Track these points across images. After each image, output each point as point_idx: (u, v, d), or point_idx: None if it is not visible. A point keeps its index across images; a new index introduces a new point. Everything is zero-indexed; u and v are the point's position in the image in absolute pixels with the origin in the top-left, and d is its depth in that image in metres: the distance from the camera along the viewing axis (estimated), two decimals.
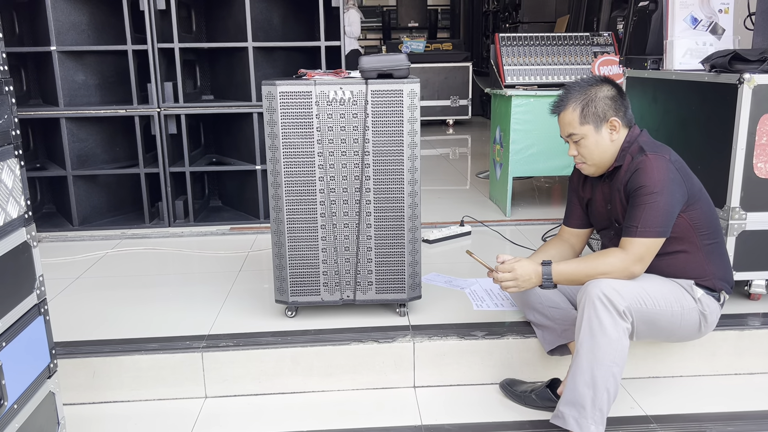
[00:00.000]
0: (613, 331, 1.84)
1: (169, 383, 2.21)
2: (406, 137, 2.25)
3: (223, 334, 2.31)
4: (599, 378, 1.83)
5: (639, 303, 1.90)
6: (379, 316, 2.44)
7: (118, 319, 2.48)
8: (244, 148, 3.80)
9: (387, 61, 2.19)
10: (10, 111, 1.57)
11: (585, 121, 2.04)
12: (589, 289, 1.89)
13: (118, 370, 2.20)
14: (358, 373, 2.25)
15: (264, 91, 2.21)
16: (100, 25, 3.68)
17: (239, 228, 3.68)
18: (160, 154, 3.63)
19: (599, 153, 2.06)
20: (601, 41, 3.99)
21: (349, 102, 2.21)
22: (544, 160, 3.72)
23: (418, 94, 2.23)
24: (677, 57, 2.77)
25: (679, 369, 2.30)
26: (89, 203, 3.75)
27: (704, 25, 2.78)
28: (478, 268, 2.94)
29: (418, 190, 2.30)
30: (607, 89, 2.06)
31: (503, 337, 2.26)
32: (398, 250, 2.33)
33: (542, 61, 3.91)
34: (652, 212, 1.92)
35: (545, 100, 3.66)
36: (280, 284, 2.36)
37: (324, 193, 2.28)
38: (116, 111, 3.58)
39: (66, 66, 3.55)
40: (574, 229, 2.30)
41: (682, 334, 2.05)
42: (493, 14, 9.49)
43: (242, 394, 2.24)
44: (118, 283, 2.88)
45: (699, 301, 2.01)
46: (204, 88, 4.07)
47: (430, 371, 2.26)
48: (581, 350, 1.86)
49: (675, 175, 1.96)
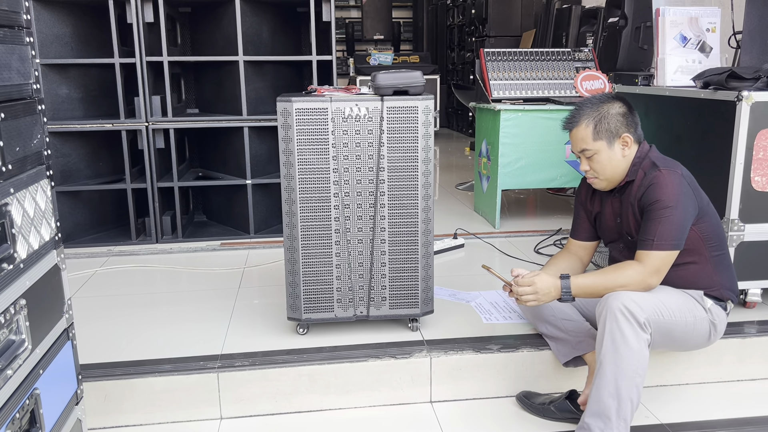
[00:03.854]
0: (635, 342, 1.89)
1: (184, 405, 2.17)
2: (421, 153, 2.27)
3: (237, 354, 2.28)
4: (623, 389, 1.87)
5: (657, 314, 1.96)
6: (391, 331, 2.44)
7: (123, 341, 2.42)
8: (232, 162, 3.76)
9: (403, 78, 2.20)
10: (42, 131, 1.52)
11: (598, 137, 2.10)
12: (610, 301, 1.93)
13: (131, 393, 2.14)
14: (375, 389, 2.24)
15: (279, 108, 2.20)
16: (83, 37, 3.60)
17: (230, 243, 3.63)
18: (148, 168, 3.56)
19: (612, 168, 2.12)
20: (582, 56, 4.10)
21: (364, 118, 2.22)
22: (532, 172, 3.79)
23: (432, 111, 2.25)
24: (669, 73, 2.87)
25: (685, 377, 2.37)
26: (72, 220, 3.65)
27: (693, 43, 2.89)
28: (479, 281, 2.99)
29: (431, 206, 2.32)
30: (618, 106, 2.12)
31: (518, 349, 2.29)
32: (412, 265, 2.34)
33: (527, 75, 3.98)
34: (667, 226, 1.99)
35: (533, 114, 3.73)
36: (293, 301, 2.34)
37: (339, 210, 2.27)
38: (102, 125, 3.50)
39: (49, 79, 3.46)
40: (582, 242, 2.35)
41: (693, 343, 2.11)
42: (458, 28, 9.60)
43: (259, 414, 2.20)
44: (116, 303, 2.80)
45: (709, 311, 2.08)
46: (189, 101, 4.01)
47: (446, 386, 2.27)
48: (604, 362, 1.90)
49: (687, 189, 2.03)
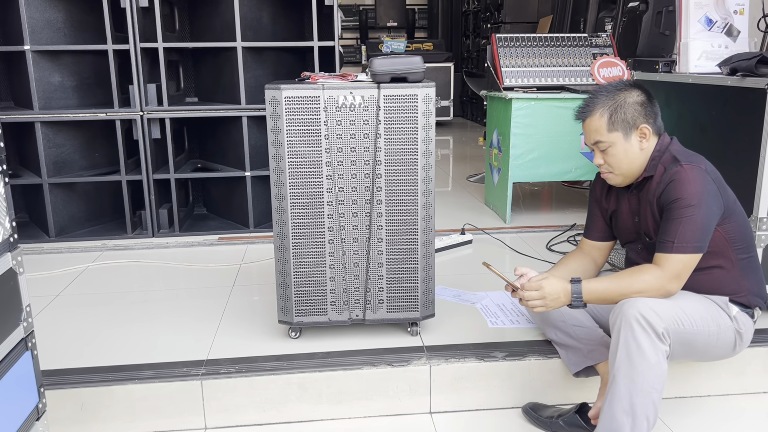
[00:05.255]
0: (653, 354, 1.72)
1: (166, 414, 2.03)
2: (421, 145, 2.10)
3: (222, 359, 2.13)
4: (638, 405, 1.70)
5: (677, 323, 1.78)
6: (389, 335, 2.29)
7: (105, 343, 2.29)
8: (231, 153, 3.61)
9: (401, 64, 2.03)
10: None
11: (613, 128, 1.92)
12: (625, 309, 1.76)
13: (110, 401, 2.00)
14: (370, 399, 2.09)
15: (268, 96, 2.04)
16: (77, 23, 3.45)
17: (228, 238, 3.49)
18: (143, 160, 3.42)
19: (628, 162, 1.94)
20: (600, 42, 3.89)
21: (359, 107, 2.05)
22: (545, 165, 3.60)
23: (433, 99, 2.08)
24: (692, 59, 2.67)
25: (707, 388, 2.19)
26: (67, 212, 3.53)
27: (719, 26, 2.68)
28: (485, 280, 2.81)
29: (432, 202, 2.15)
30: (636, 94, 1.93)
31: (525, 357, 2.12)
32: (411, 265, 2.18)
33: (541, 62, 3.79)
34: (690, 226, 1.80)
35: (546, 103, 3.54)
36: (284, 303, 2.19)
37: (332, 206, 2.11)
38: (96, 115, 3.36)
39: (41, 66, 3.32)
40: (596, 242, 2.18)
41: (716, 353, 1.93)
42: (473, 14, 9.37)
43: (246, 425, 2.06)
44: (103, 301, 2.67)
45: (735, 319, 1.90)
46: (188, 89, 3.86)
47: (447, 396, 2.11)
48: (618, 375, 1.73)
49: (711, 186, 1.84)
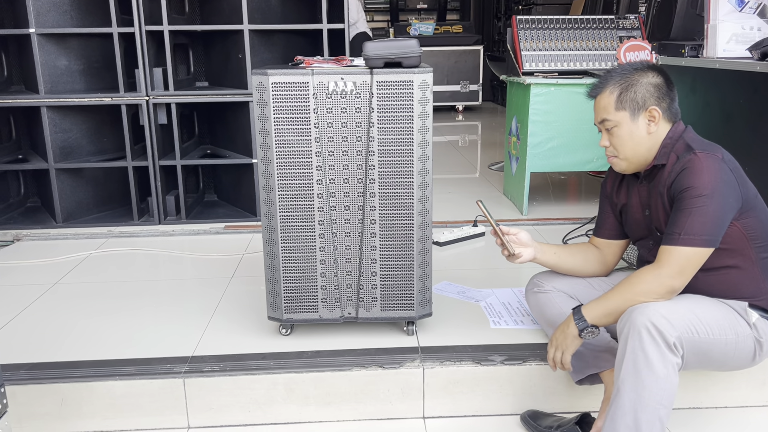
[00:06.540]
0: (661, 367, 1.57)
1: (148, 412, 1.96)
2: (417, 135, 1.97)
3: (208, 356, 2.05)
4: (643, 422, 1.56)
5: (691, 332, 1.63)
6: (384, 334, 2.18)
7: (93, 336, 2.23)
8: (240, 139, 3.52)
9: (395, 48, 1.90)
10: None
11: (621, 106, 1.78)
12: (635, 315, 1.61)
13: (90, 397, 1.94)
14: (360, 402, 1.98)
15: (254, 82, 1.93)
16: (84, 5, 3.39)
17: (234, 226, 3.41)
18: (149, 146, 3.36)
19: (632, 145, 1.79)
20: (627, 24, 3.68)
21: (351, 94, 1.93)
22: (565, 154, 3.42)
23: (430, 86, 1.95)
24: (721, 43, 2.47)
25: (724, 399, 2.03)
26: (74, 198, 3.49)
27: (751, 7, 2.48)
28: (494, 276, 2.69)
29: (429, 195, 2.02)
30: (652, 76, 1.78)
31: (525, 362, 1.99)
32: (407, 261, 2.06)
33: (563, 46, 3.60)
34: (700, 218, 1.65)
35: (567, 89, 3.36)
36: (273, 299, 2.09)
37: (323, 198, 2.00)
38: (101, 99, 3.30)
39: (47, 50, 3.27)
40: (606, 240, 2.03)
41: (734, 364, 1.78)
42: None
43: (230, 425, 1.98)
44: (97, 291, 2.62)
45: (754, 327, 1.73)
46: (198, 74, 3.78)
47: (441, 400, 1.99)
48: (623, 388, 1.59)
49: (728, 176, 1.68)
